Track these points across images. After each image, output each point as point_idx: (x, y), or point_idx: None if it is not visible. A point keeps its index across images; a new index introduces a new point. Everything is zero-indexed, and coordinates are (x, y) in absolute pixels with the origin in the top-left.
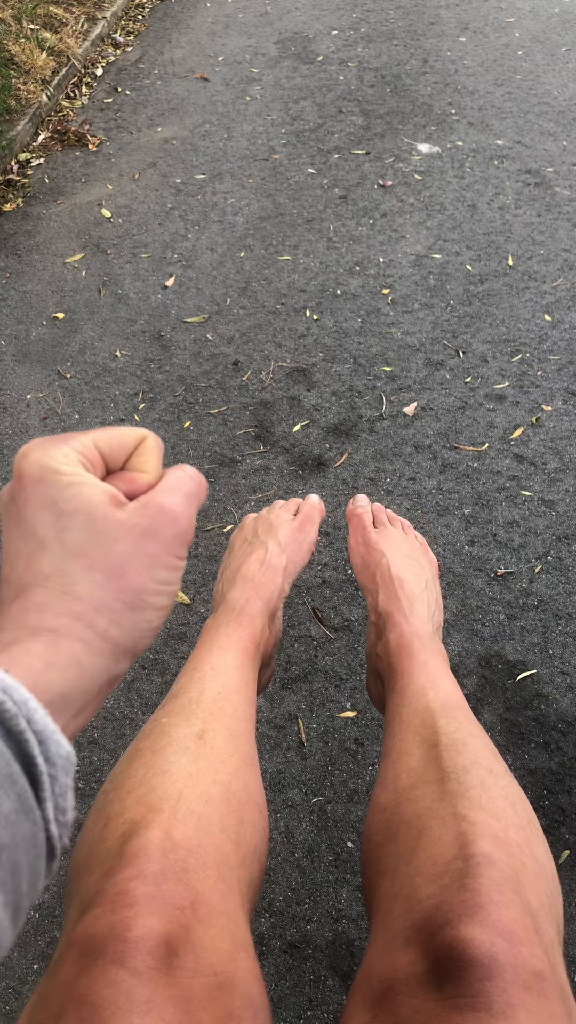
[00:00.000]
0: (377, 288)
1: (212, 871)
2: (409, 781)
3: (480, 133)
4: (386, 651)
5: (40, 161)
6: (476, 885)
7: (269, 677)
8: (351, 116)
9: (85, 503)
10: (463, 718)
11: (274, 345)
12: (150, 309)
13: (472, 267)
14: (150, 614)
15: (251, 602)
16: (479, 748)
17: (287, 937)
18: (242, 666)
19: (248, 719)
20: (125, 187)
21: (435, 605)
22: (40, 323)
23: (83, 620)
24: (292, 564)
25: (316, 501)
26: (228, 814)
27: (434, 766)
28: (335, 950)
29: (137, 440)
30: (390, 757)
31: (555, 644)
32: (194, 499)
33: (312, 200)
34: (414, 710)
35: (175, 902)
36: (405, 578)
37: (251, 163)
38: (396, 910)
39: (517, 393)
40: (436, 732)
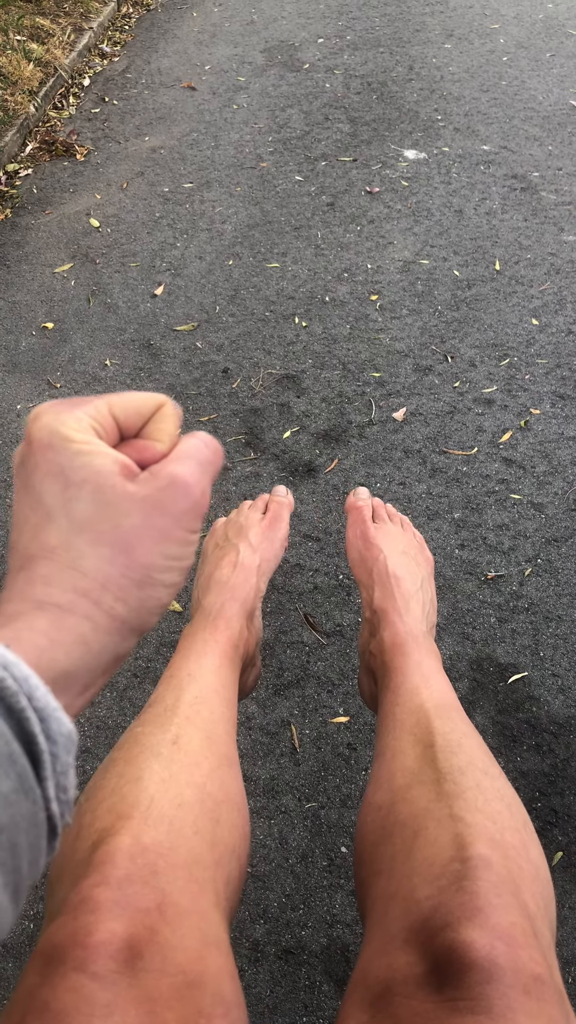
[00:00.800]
0: (365, 294)
1: (182, 872)
2: (404, 781)
3: (466, 139)
4: (380, 649)
5: (28, 172)
6: (475, 888)
7: (255, 677)
8: (338, 123)
9: (95, 473)
10: (457, 718)
11: (263, 352)
12: (139, 318)
13: (459, 272)
14: (159, 591)
15: (226, 605)
16: (474, 749)
17: (282, 943)
18: (220, 669)
19: (227, 720)
20: (113, 196)
21: (430, 605)
22: (30, 333)
23: (89, 597)
24: (265, 563)
25: (283, 494)
26: (202, 815)
27: (430, 766)
28: (330, 955)
29: (154, 406)
30: (384, 756)
31: (546, 647)
32: (209, 468)
33: (300, 207)
34: (408, 709)
35: (140, 905)
36: (401, 576)
37: (239, 171)
38: (393, 911)
39: (505, 397)
40: (431, 732)
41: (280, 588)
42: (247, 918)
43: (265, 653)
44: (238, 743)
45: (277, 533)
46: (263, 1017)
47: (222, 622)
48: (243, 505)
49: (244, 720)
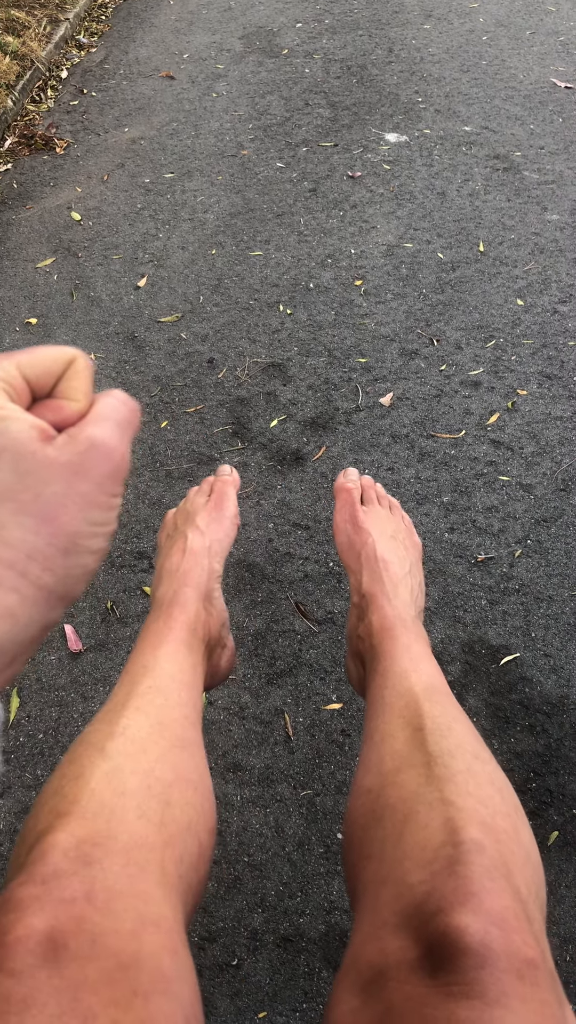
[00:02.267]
0: (349, 280)
1: (119, 857)
2: (394, 764)
3: (447, 120)
4: (368, 632)
5: (7, 167)
6: (468, 872)
7: (230, 659)
8: (318, 108)
9: (11, 440)
10: (447, 702)
11: (248, 341)
12: (123, 310)
13: (443, 255)
14: (85, 558)
15: (179, 592)
16: (464, 733)
17: (280, 931)
18: (176, 654)
19: (184, 703)
20: (94, 189)
21: (418, 589)
22: (13, 329)
23: (15, 569)
24: (216, 543)
25: (227, 473)
26: (149, 799)
27: (419, 750)
28: (328, 942)
29: (65, 363)
30: (373, 739)
31: (537, 627)
32: (127, 428)
33: (282, 194)
34: (397, 692)
35: (63, 895)
36: (390, 560)
37: (219, 160)
38: (384, 895)
39: (492, 379)
40: (420, 715)
41: (270, 577)
42: (245, 907)
43: (257, 643)
44: (232, 733)
45: (224, 512)
46: (263, 1005)
47: (176, 609)
48: (190, 492)
49: (237, 710)
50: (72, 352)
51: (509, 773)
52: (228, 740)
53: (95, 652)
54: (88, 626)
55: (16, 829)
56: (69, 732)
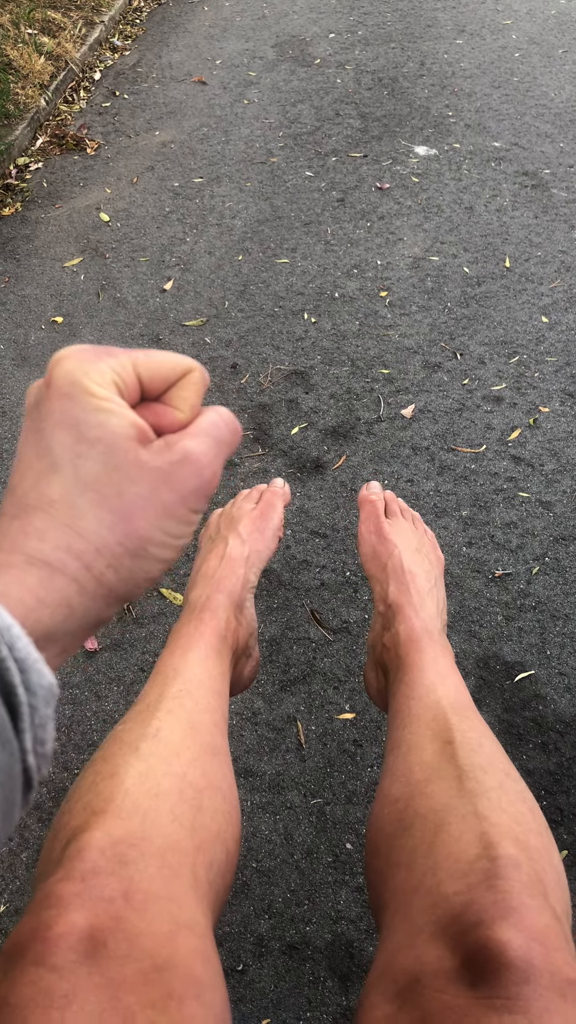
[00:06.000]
0: (375, 291)
1: (155, 860)
2: (423, 775)
3: (477, 135)
4: (394, 642)
5: (38, 165)
6: (507, 887)
7: (253, 669)
8: (348, 119)
9: (109, 433)
10: (475, 718)
11: (272, 348)
12: (148, 312)
13: (469, 269)
14: (152, 565)
15: (212, 598)
16: (494, 750)
17: (286, 939)
18: (206, 660)
19: (213, 710)
20: (123, 191)
21: (442, 603)
22: (39, 327)
23: (82, 560)
24: (255, 554)
25: (280, 485)
26: (181, 803)
27: (450, 763)
28: (334, 951)
29: (182, 372)
30: (400, 749)
31: (553, 645)
32: (224, 448)
33: (310, 203)
34: (425, 704)
35: (103, 894)
36: (416, 572)
37: (249, 166)
38: (417, 903)
39: (514, 395)
40: (449, 729)
41: (287, 584)
42: (252, 913)
43: (271, 649)
44: (244, 738)
45: (269, 523)
46: (266, 1011)
47: (207, 614)
48: (239, 495)
49: (250, 715)
50: (190, 363)
51: None
52: (240, 745)
53: (110, 652)
54: (105, 625)
55: (27, 825)
56: (82, 731)
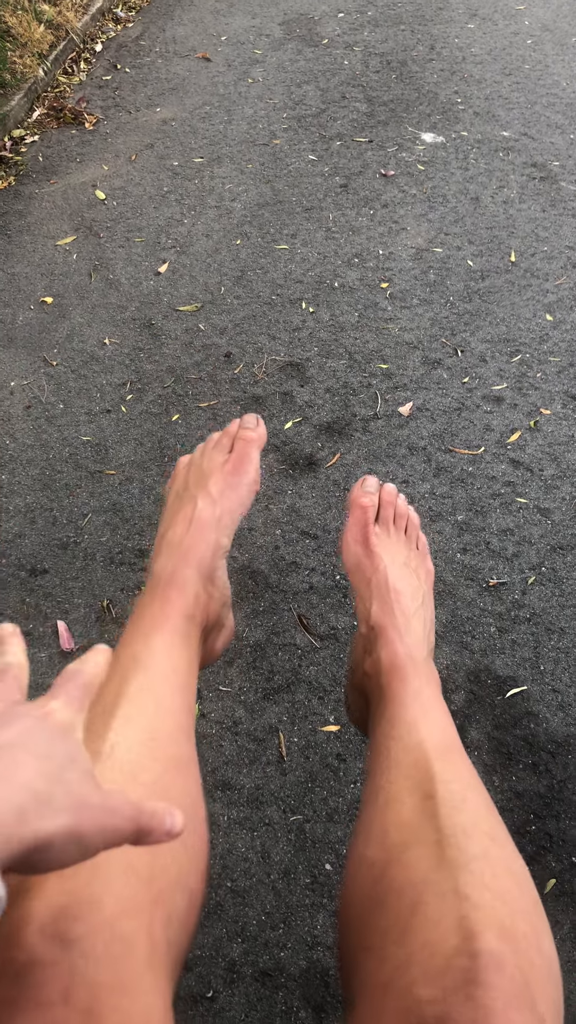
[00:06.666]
0: (376, 281)
1: (103, 933)
2: (400, 837)
3: (486, 124)
4: (376, 670)
5: (34, 138)
6: (488, 1000)
7: (226, 640)
8: (355, 102)
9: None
10: (460, 763)
11: (268, 337)
12: (141, 296)
13: (473, 263)
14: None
15: (178, 570)
16: (479, 806)
17: (259, 964)
18: (171, 649)
19: (177, 710)
20: (121, 168)
21: (430, 625)
22: (28, 307)
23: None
24: (228, 514)
25: (252, 425)
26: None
27: (430, 824)
28: (309, 980)
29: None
30: (376, 802)
31: (546, 660)
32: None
33: (312, 188)
34: (405, 746)
35: (40, 998)
36: (402, 591)
37: (251, 148)
38: (388, 1005)
39: (515, 395)
40: (431, 779)
41: (274, 587)
42: (224, 936)
43: (255, 655)
44: (223, 749)
45: (243, 478)
46: None
47: (173, 591)
48: (208, 441)
49: (231, 725)
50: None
51: (508, 814)
52: (219, 756)
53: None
54: (82, 624)
55: None
56: None
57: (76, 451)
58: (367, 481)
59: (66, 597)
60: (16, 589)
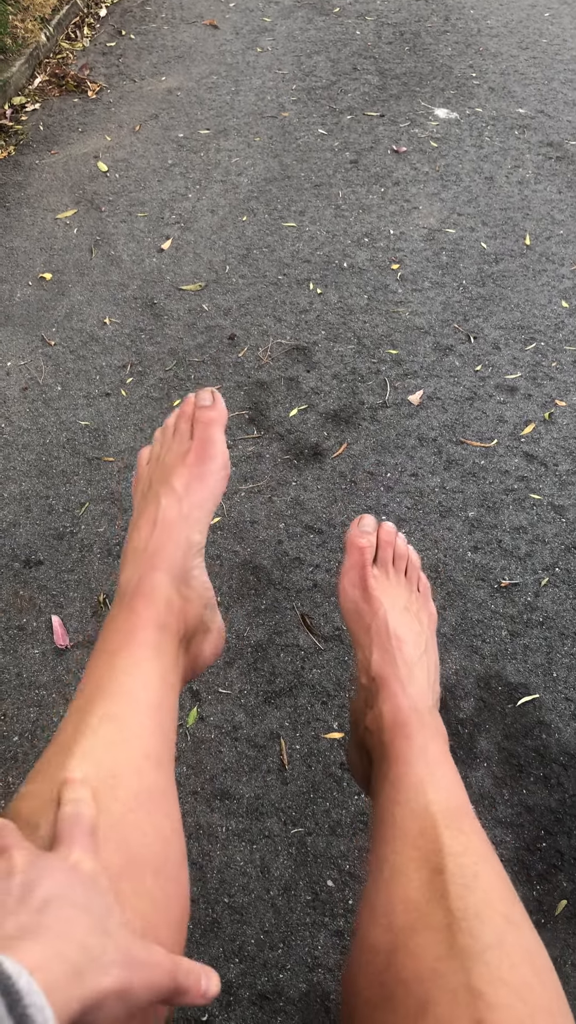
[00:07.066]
0: (386, 262)
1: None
2: (407, 919)
3: (501, 100)
4: (378, 726)
5: (35, 106)
6: None
7: (216, 643)
8: (366, 75)
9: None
10: (470, 829)
11: (274, 320)
12: (143, 273)
13: (487, 245)
14: None
15: (145, 578)
16: (492, 881)
17: (257, 986)
18: (140, 664)
19: (145, 735)
20: (124, 139)
21: (434, 671)
22: (26, 283)
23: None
24: (197, 507)
25: (208, 402)
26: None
27: (439, 904)
28: (309, 1003)
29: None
30: (382, 874)
31: (560, 666)
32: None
33: (321, 163)
34: (411, 812)
35: None
36: (403, 638)
37: (259, 120)
38: None
39: (530, 385)
40: (440, 852)
41: (277, 584)
42: (221, 955)
43: (256, 656)
44: (222, 755)
45: (209, 465)
46: None
47: (140, 601)
48: (166, 428)
49: (230, 730)
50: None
51: (517, 829)
52: (218, 763)
53: (82, 649)
54: (77, 620)
55: None
56: (47, 736)
57: (74, 436)
58: (363, 520)
59: (61, 590)
60: (9, 581)
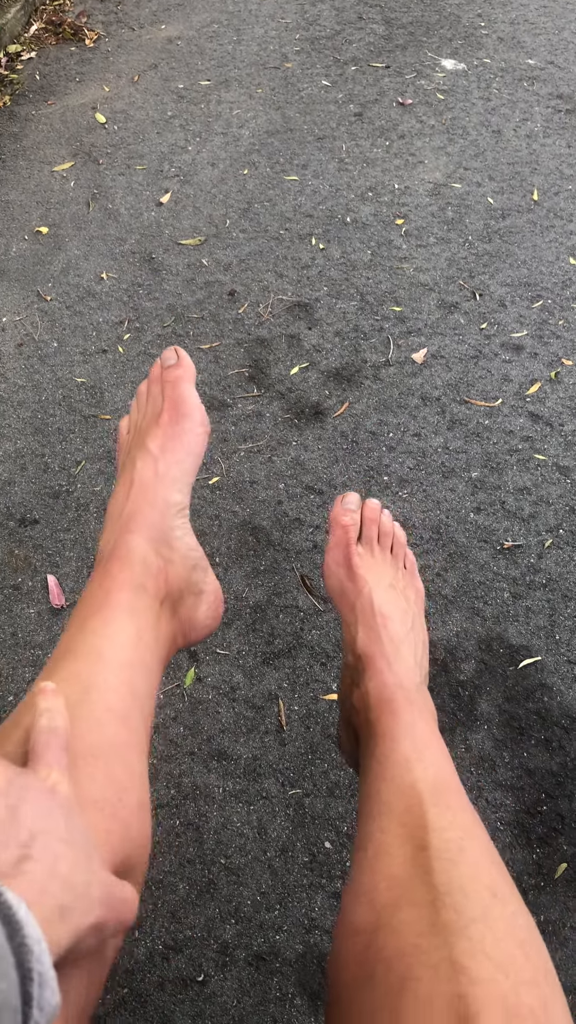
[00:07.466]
0: (390, 217)
1: None
2: (390, 896)
3: (510, 50)
4: (364, 704)
5: (31, 55)
6: None
7: (212, 608)
8: (372, 24)
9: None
10: (456, 805)
11: (275, 275)
12: (142, 228)
13: (494, 200)
14: None
15: (120, 541)
16: (478, 855)
17: (253, 947)
18: (110, 625)
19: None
20: (123, 90)
21: (422, 649)
22: (22, 237)
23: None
24: (176, 465)
25: (173, 360)
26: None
27: (422, 881)
28: (305, 965)
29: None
30: (366, 852)
31: (562, 629)
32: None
33: (325, 116)
34: (397, 789)
35: None
36: (389, 615)
37: (261, 71)
38: None
39: (536, 344)
40: (425, 827)
41: (276, 544)
42: (217, 916)
43: (255, 617)
44: (220, 716)
45: (184, 423)
46: None
47: (115, 564)
48: (139, 395)
49: (228, 691)
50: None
51: (519, 792)
52: (215, 724)
53: None
54: (73, 579)
55: None
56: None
57: (70, 393)
58: (347, 497)
59: (57, 549)
60: (4, 540)
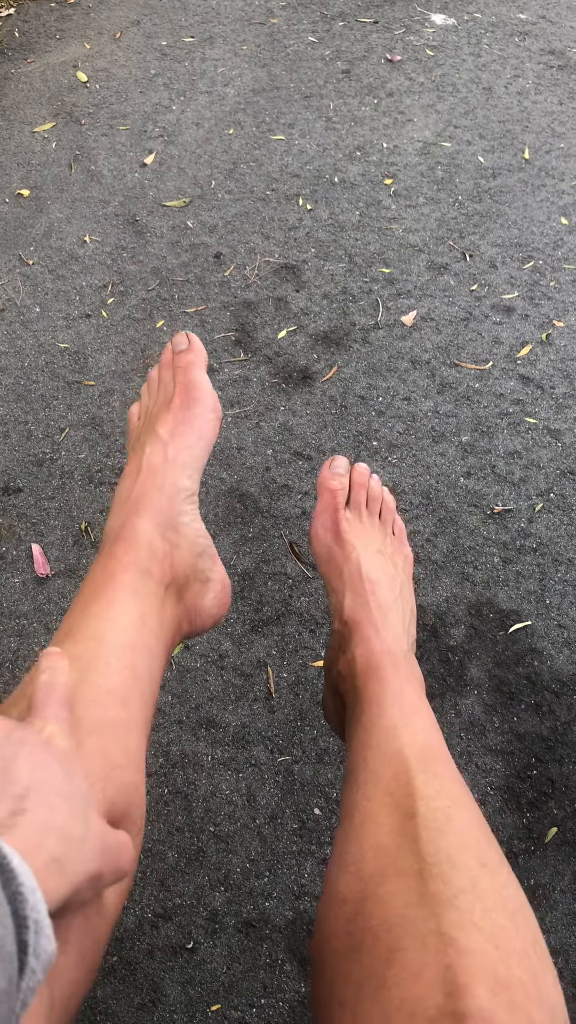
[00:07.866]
0: (379, 177)
1: None
2: (377, 865)
3: (501, 4)
4: (351, 670)
5: (10, 12)
6: None
7: (218, 597)
8: None
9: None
10: (444, 773)
11: (261, 237)
12: (125, 189)
13: (484, 159)
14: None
15: (127, 524)
16: (466, 824)
17: (243, 914)
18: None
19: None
20: (104, 47)
21: (410, 616)
22: (2, 200)
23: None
24: (186, 451)
25: (185, 345)
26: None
27: (410, 850)
28: (295, 931)
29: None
30: (352, 820)
31: (553, 593)
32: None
33: (312, 73)
34: (384, 756)
35: None
36: (377, 581)
37: (246, 27)
38: None
39: (527, 305)
40: (412, 795)
41: (264, 511)
42: (206, 884)
43: (243, 584)
44: (208, 684)
45: (196, 408)
46: (217, 996)
47: (120, 546)
48: (150, 381)
49: (216, 659)
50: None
51: (509, 756)
52: (203, 692)
53: (64, 578)
54: (58, 548)
55: None
56: (27, 666)
57: (53, 359)
58: (335, 462)
59: (41, 518)
60: None
